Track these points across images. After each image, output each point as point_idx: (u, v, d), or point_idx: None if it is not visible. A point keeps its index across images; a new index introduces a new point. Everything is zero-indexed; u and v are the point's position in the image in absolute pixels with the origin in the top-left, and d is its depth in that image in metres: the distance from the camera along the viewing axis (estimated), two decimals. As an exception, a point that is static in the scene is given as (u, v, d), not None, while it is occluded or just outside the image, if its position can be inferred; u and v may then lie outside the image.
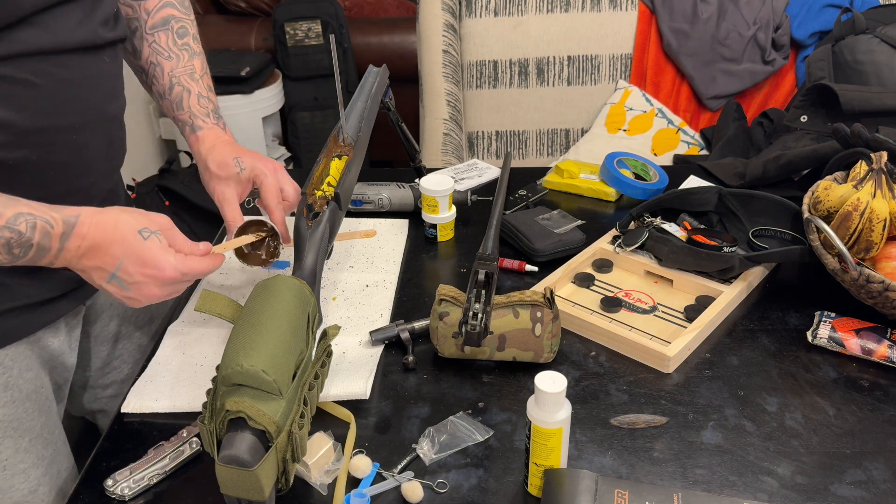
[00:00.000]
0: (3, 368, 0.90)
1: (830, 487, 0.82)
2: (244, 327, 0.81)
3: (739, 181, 1.44)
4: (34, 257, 0.78)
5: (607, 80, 2.06)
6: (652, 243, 1.16)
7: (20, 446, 0.93)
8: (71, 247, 0.79)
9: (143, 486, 0.82)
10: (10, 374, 0.91)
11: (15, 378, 0.91)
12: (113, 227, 0.80)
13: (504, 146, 2.11)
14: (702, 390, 0.95)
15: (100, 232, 0.80)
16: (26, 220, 0.76)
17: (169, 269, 0.82)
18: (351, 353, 1.01)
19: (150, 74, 1.05)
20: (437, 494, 0.82)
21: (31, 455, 0.94)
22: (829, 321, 1.02)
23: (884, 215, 1.03)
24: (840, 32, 1.75)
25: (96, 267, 0.81)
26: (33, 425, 0.94)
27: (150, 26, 1.04)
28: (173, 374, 0.98)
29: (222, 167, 1.00)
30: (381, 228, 1.30)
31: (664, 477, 0.83)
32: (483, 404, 0.94)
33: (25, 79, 0.79)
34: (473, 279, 0.97)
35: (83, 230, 0.79)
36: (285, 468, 0.78)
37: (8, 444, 0.91)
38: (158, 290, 0.83)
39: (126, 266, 0.81)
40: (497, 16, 2.02)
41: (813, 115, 1.54)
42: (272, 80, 2.80)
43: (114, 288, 0.83)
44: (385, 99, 1.27)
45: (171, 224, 0.86)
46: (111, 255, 0.80)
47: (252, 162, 1.00)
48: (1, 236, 0.75)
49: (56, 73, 0.83)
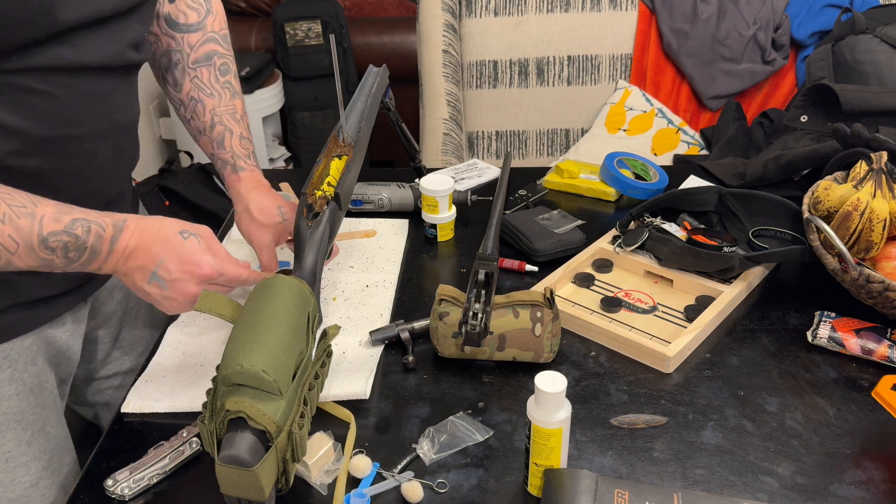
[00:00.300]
0: (9, 362, 0.91)
1: (830, 487, 0.82)
2: (244, 327, 0.81)
3: (739, 181, 1.44)
4: (86, 261, 0.82)
5: (607, 80, 2.06)
6: (652, 243, 1.16)
7: (23, 439, 0.93)
8: (118, 248, 0.83)
9: (143, 486, 0.82)
10: (14, 367, 0.92)
11: (20, 371, 0.92)
12: (156, 231, 0.85)
13: (504, 146, 2.11)
14: (702, 390, 0.96)
15: (144, 235, 0.84)
16: (82, 224, 0.80)
17: (206, 265, 0.85)
18: (351, 353, 1.01)
19: (189, 108, 1.07)
20: (437, 494, 0.82)
21: (34, 448, 0.95)
22: (829, 321, 1.02)
23: (884, 215, 1.03)
24: (840, 32, 1.75)
25: (139, 267, 0.85)
26: (37, 419, 0.95)
27: (193, 61, 1.04)
28: (173, 374, 0.98)
29: (264, 214, 1.03)
30: (381, 228, 1.30)
31: (664, 477, 0.83)
32: (483, 404, 0.94)
33: (46, 90, 0.81)
34: (473, 279, 0.97)
35: (129, 233, 0.84)
36: (285, 468, 0.78)
37: (11, 436, 0.92)
38: (195, 288, 0.86)
39: (166, 264, 0.84)
40: (497, 16, 2.02)
41: (813, 115, 1.54)
42: (272, 80, 2.80)
43: (154, 289, 0.85)
44: (385, 99, 1.27)
45: (212, 234, 0.89)
46: (152, 254, 0.84)
47: (292, 214, 1.05)
48: (59, 241, 0.79)
49: (76, 86, 0.84)
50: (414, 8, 2.97)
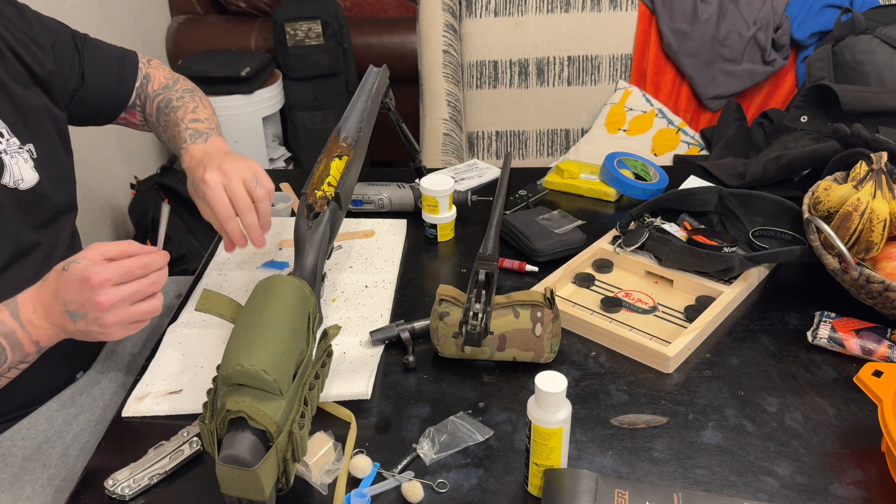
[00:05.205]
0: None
1: (830, 487, 0.82)
2: (244, 327, 0.81)
3: (739, 181, 1.44)
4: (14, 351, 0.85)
5: (607, 80, 2.06)
6: (652, 243, 1.16)
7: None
8: (29, 317, 0.85)
9: (143, 486, 0.82)
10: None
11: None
12: (44, 285, 0.86)
13: (504, 146, 2.11)
14: (702, 390, 0.96)
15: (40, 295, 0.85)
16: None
17: (95, 274, 0.81)
18: (351, 354, 1.01)
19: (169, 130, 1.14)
20: (438, 494, 0.82)
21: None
22: (829, 321, 1.02)
23: (884, 215, 1.03)
24: (840, 33, 1.75)
25: (58, 315, 0.84)
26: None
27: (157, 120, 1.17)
28: (173, 375, 0.98)
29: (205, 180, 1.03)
30: (380, 229, 1.30)
31: (664, 477, 0.84)
32: (483, 404, 0.94)
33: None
34: (474, 279, 0.97)
35: (26, 298, 0.86)
36: (286, 468, 0.78)
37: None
38: (106, 297, 0.81)
39: (69, 299, 0.83)
40: (497, 16, 2.02)
41: (813, 115, 1.54)
42: (272, 81, 2.80)
43: (81, 324, 0.84)
44: (385, 99, 1.27)
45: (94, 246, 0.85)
46: (57, 301, 0.84)
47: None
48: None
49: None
50: (414, 8, 2.97)
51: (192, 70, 2.61)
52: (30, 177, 1.01)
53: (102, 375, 1.13)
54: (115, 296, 0.81)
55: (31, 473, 0.97)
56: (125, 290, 0.82)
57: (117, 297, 0.81)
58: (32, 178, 1.01)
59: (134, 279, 0.83)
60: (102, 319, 0.82)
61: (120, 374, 1.15)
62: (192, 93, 1.19)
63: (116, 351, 1.17)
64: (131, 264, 0.83)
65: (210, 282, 1.17)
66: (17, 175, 0.99)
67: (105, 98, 1.16)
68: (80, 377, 1.11)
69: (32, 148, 1.02)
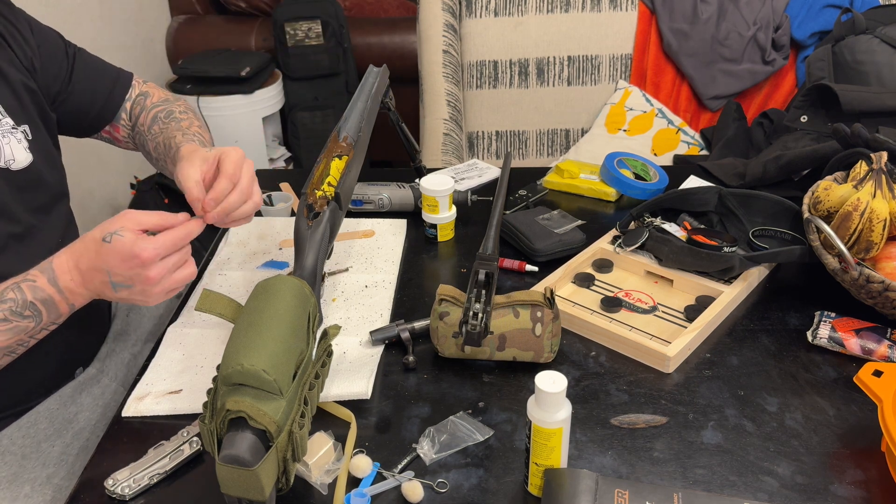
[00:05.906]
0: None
1: (830, 487, 0.82)
2: (244, 327, 0.81)
3: (739, 181, 1.44)
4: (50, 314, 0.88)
5: (607, 80, 2.06)
6: (652, 243, 1.16)
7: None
8: (67, 285, 0.88)
9: (143, 485, 0.82)
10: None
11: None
12: (84, 250, 0.88)
13: (504, 146, 2.11)
14: (702, 390, 0.96)
15: (79, 261, 0.88)
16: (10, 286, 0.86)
17: (144, 251, 0.84)
18: (351, 353, 1.01)
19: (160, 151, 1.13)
20: (438, 494, 0.82)
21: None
22: (829, 321, 1.02)
23: (884, 215, 1.03)
24: (840, 32, 1.75)
25: (100, 283, 0.87)
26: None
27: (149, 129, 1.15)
28: (173, 375, 0.98)
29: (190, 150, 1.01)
30: (379, 229, 1.30)
31: (664, 477, 0.84)
32: (483, 404, 0.94)
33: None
34: (473, 279, 0.97)
35: (63, 268, 0.88)
36: (286, 468, 0.78)
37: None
38: (154, 272, 0.85)
39: (114, 271, 0.85)
40: (497, 16, 2.02)
41: (813, 115, 1.54)
42: (272, 80, 2.80)
43: (124, 293, 0.87)
44: (385, 99, 1.27)
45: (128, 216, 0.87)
46: (99, 270, 0.86)
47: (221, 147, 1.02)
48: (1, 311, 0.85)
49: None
50: (414, 8, 2.97)
51: (192, 70, 2.61)
52: (22, 157, 1.00)
53: (103, 375, 1.13)
54: (162, 269, 0.85)
55: (30, 472, 0.97)
56: (170, 262, 0.86)
57: (164, 270, 0.86)
58: (25, 158, 1.00)
59: (177, 251, 0.87)
60: (149, 291, 0.87)
61: (120, 374, 1.15)
62: (195, 112, 1.20)
63: (116, 350, 1.17)
64: (175, 236, 0.87)
65: (210, 282, 1.17)
66: (9, 155, 0.99)
67: (90, 107, 1.15)
68: (80, 374, 1.11)
69: (28, 129, 1.02)
